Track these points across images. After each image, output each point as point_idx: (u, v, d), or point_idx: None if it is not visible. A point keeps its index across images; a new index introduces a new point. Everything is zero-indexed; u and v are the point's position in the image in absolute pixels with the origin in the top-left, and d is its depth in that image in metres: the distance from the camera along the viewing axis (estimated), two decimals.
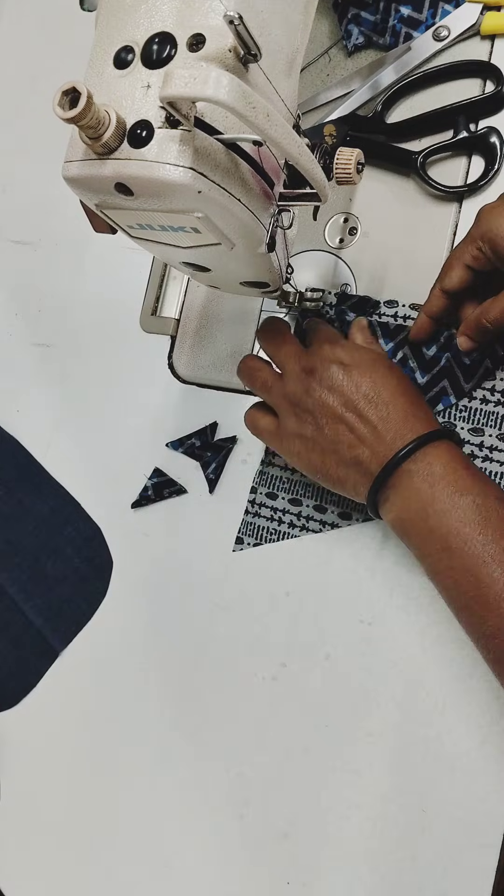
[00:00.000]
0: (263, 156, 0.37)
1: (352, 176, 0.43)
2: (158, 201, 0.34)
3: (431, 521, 0.42)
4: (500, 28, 0.52)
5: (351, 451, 0.45)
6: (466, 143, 0.52)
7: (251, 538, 0.57)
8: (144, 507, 0.61)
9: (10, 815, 0.62)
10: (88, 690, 0.61)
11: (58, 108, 0.30)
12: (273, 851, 0.53)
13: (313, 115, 0.57)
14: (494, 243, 0.44)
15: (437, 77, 0.54)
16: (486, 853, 0.47)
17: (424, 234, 0.54)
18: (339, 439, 0.45)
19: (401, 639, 0.51)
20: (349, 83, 0.56)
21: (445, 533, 0.41)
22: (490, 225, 0.44)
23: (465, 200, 0.53)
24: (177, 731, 0.57)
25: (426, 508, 0.42)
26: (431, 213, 0.54)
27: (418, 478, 0.43)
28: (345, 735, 0.52)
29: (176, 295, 0.63)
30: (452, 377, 0.51)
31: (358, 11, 0.56)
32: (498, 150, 0.51)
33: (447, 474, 0.42)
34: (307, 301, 0.54)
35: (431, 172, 0.53)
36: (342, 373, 0.46)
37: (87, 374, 0.66)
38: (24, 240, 0.70)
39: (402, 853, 0.49)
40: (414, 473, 0.43)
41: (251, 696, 0.55)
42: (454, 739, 0.49)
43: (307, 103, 0.58)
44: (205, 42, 0.32)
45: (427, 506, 0.42)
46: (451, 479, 0.42)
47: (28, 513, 0.66)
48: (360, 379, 0.45)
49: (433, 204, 0.54)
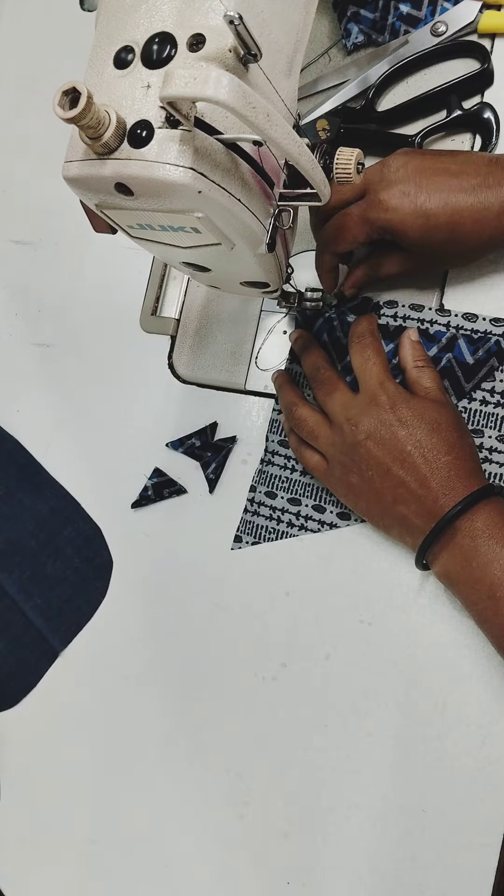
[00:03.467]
0: (263, 156, 0.37)
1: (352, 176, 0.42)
2: (158, 201, 0.34)
3: (475, 572, 0.44)
4: (498, 27, 0.52)
5: (395, 506, 0.47)
6: (461, 122, 0.53)
7: (250, 537, 0.57)
8: (144, 507, 0.61)
9: (10, 815, 0.62)
10: (88, 690, 0.61)
11: (58, 108, 0.30)
12: (273, 851, 0.53)
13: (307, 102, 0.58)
14: (397, 232, 0.46)
15: (423, 61, 0.55)
16: (486, 853, 0.47)
17: None
18: (383, 493, 0.47)
19: (401, 639, 0.51)
20: (345, 72, 0.56)
21: (490, 583, 0.43)
22: (389, 217, 0.45)
23: None
24: (177, 730, 0.57)
25: (469, 560, 0.44)
26: None
27: (462, 534, 0.44)
28: (345, 735, 0.52)
29: (176, 295, 0.63)
30: (453, 378, 0.51)
31: (357, 9, 0.56)
32: (493, 124, 0.52)
33: (489, 528, 0.44)
34: (307, 301, 0.54)
35: None
36: (388, 428, 0.46)
37: (87, 374, 0.66)
38: (24, 240, 0.70)
39: (402, 853, 0.49)
40: (459, 529, 0.44)
41: (251, 696, 0.55)
42: (454, 739, 0.49)
43: (302, 89, 0.58)
44: (205, 42, 0.32)
45: (470, 558, 0.44)
46: (492, 532, 0.44)
47: (28, 513, 0.66)
48: (405, 435, 0.46)
49: None
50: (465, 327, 0.51)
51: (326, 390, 0.50)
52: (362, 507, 0.50)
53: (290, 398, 0.53)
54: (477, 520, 0.44)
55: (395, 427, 0.46)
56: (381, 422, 0.46)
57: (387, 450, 0.46)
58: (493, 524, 0.44)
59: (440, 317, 0.51)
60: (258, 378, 0.58)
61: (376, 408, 0.47)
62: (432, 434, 0.46)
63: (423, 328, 0.51)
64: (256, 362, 0.59)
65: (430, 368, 0.50)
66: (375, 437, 0.46)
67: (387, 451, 0.46)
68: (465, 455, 0.46)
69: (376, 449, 0.46)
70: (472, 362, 0.50)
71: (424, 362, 0.50)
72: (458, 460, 0.45)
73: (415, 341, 0.51)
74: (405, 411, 0.46)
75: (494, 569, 0.43)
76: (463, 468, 0.45)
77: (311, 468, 0.52)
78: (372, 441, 0.46)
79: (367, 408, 0.47)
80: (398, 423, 0.46)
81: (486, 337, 0.50)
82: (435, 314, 0.51)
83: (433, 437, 0.46)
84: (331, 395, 0.50)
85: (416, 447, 0.45)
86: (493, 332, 0.50)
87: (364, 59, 0.56)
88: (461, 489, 0.45)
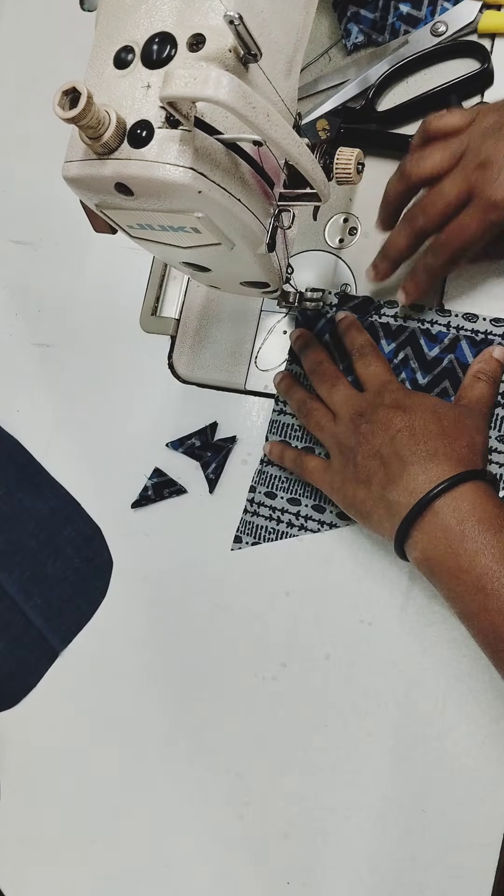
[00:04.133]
0: (263, 156, 0.37)
1: (352, 176, 0.43)
2: (158, 201, 0.34)
3: (462, 560, 0.40)
4: (498, 27, 0.52)
5: (381, 487, 0.45)
6: None
7: (249, 537, 0.57)
8: (144, 507, 0.61)
9: (10, 815, 0.62)
10: (88, 690, 0.61)
11: (58, 108, 0.30)
12: (273, 851, 0.53)
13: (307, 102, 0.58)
14: None
15: (423, 61, 0.55)
16: (486, 853, 0.47)
17: None
18: (371, 474, 0.46)
19: (401, 639, 0.51)
20: (345, 72, 0.56)
21: (479, 573, 0.40)
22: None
23: None
24: (177, 730, 0.57)
25: (455, 547, 0.41)
26: None
27: (445, 515, 0.41)
28: (345, 735, 0.52)
29: (176, 295, 0.63)
30: (454, 378, 0.50)
31: (357, 9, 0.56)
32: None
33: (476, 511, 0.41)
34: (307, 301, 0.54)
35: None
36: (386, 413, 0.46)
37: (87, 374, 0.66)
38: (24, 240, 0.70)
39: (402, 853, 0.49)
40: (440, 511, 0.41)
41: (251, 696, 0.55)
42: (454, 739, 0.49)
43: (302, 89, 0.58)
44: (205, 42, 0.32)
45: (456, 544, 0.41)
46: (481, 516, 0.41)
47: (28, 513, 0.66)
48: (401, 418, 0.45)
49: None
50: (466, 328, 0.51)
51: (329, 384, 0.51)
52: (349, 493, 0.48)
53: (300, 394, 0.53)
54: (464, 501, 0.41)
55: (392, 411, 0.46)
56: (380, 409, 0.46)
57: (380, 432, 0.46)
58: (483, 507, 0.41)
59: (440, 317, 0.51)
60: (258, 378, 0.58)
61: (379, 398, 0.47)
62: (429, 421, 0.45)
63: (425, 328, 0.51)
64: (256, 362, 0.59)
65: (488, 384, 0.48)
66: (373, 422, 0.46)
67: (380, 433, 0.45)
68: (463, 443, 0.44)
69: (370, 433, 0.46)
70: None
71: (488, 377, 0.48)
72: (451, 445, 0.44)
73: (496, 358, 0.49)
74: (406, 401, 0.46)
75: (484, 557, 0.39)
76: (455, 453, 0.43)
77: (310, 472, 0.52)
78: (369, 425, 0.46)
79: (371, 401, 0.48)
80: (398, 407, 0.46)
81: (488, 339, 0.50)
82: (435, 314, 0.51)
83: (429, 423, 0.45)
84: (334, 388, 0.50)
85: (408, 427, 0.45)
86: (493, 333, 0.50)
87: (364, 59, 0.56)
88: (448, 469, 0.42)
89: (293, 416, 0.56)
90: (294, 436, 0.56)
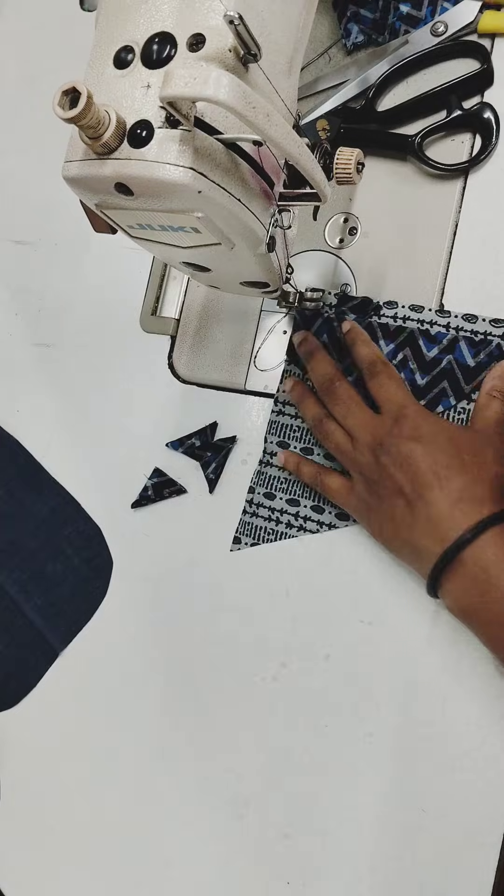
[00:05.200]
0: (263, 156, 0.37)
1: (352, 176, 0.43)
2: (158, 201, 0.34)
3: (494, 607, 0.42)
4: (498, 27, 0.52)
5: (409, 530, 0.45)
6: (461, 122, 0.53)
7: (249, 538, 0.57)
8: (144, 507, 0.61)
9: (10, 815, 0.62)
10: (88, 690, 0.61)
11: (58, 108, 0.30)
12: (273, 851, 0.53)
13: (307, 102, 0.58)
14: None
15: (423, 61, 0.54)
16: (486, 853, 0.47)
17: (425, 222, 0.54)
18: (396, 514, 0.46)
19: (401, 639, 0.51)
20: (345, 72, 0.56)
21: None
22: None
23: (471, 174, 0.53)
24: (177, 731, 0.57)
25: (485, 597, 0.42)
26: (432, 195, 0.54)
27: (471, 566, 0.42)
28: (345, 735, 0.52)
29: (176, 295, 0.63)
30: (452, 379, 0.50)
31: (357, 9, 0.56)
32: (493, 124, 0.52)
33: (498, 559, 0.42)
34: (307, 301, 0.54)
35: (429, 154, 0.53)
36: (406, 446, 0.46)
37: (87, 374, 0.66)
38: (24, 240, 0.70)
39: (402, 853, 0.49)
40: (467, 562, 0.43)
41: (251, 696, 0.55)
42: (454, 739, 0.49)
43: (302, 89, 0.58)
44: (205, 42, 0.32)
45: (485, 594, 0.42)
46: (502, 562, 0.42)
47: (28, 513, 0.66)
48: (421, 453, 0.45)
49: (432, 185, 0.54)
50: (465, 328, 0.51)
51: (345, 407, 0.50)
52: (375, 527, 0.49)
53: (315, 411, 0.52)
54: (488, 548, 0.42)
55: (413, 446, 0.45)
56: (401, 443, 0.46)
57: (403, 470, 0.45)
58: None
59: (440, 317, 0.51)
60: (258, 378, 0.58)
61: (397, 428, 0.47)
62: (451, 457, 0.45)
63: (424, 329, 0.51)
64: (256, 362, 0.59)
65: (501, 402, 0.49)
66: (395, 456, 0.46)
67: (403, 471, 0.45)
68: (485, 481, 0.44)
69: (393, 469, 0.46)
70: (473, 365, 0.50)
71: (502, 394, 0.49)
72: (473, 485, 0.44)
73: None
74: (424, 430, 0.46)
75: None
76: (478, 495, 0.44)
77: (333, 492, 0.52)
78: (391, 460, 0.46)
79: (389, 430, 0.47)
80: (416, 443, 0.45)
81: (487, 340, 0.50)
82: (435, 315, 0.51)
83: (451, 459, 0.45)
84: (349, 412, 0.50)
85: (431, 471, 0.44)
86: (493, 334, 0.50)
87: (364, 59, 0.56)
88: (473, 515, 0.43)
89: (292, 417, 0.56)
90: (293, 436, 0.56)
